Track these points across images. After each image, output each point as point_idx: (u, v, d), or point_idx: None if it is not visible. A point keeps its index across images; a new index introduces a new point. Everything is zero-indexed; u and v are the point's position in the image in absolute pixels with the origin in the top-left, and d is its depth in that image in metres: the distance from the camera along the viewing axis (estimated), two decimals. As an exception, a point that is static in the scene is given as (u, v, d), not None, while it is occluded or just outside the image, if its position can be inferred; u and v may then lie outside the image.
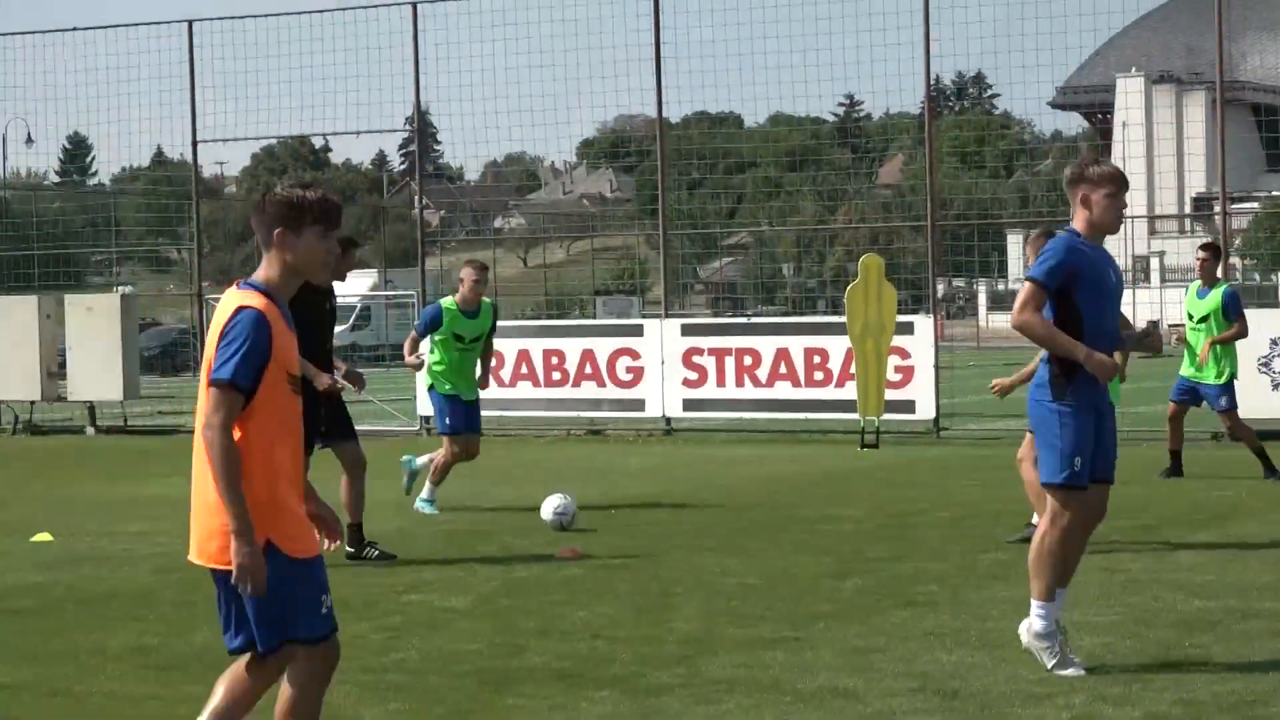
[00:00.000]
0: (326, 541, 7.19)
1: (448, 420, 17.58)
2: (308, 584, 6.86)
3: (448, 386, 17.50)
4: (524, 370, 27.33)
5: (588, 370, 27.05)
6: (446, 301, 17.59)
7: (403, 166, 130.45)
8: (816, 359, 25.75)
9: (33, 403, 30.54)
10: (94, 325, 29.46)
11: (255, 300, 6.83)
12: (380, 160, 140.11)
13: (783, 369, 25.90)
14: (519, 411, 27.60)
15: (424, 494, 17.58)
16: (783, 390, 25.95)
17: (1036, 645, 9.54)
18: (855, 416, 24.60)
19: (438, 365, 17.59)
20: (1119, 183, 9.47)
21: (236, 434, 6.74)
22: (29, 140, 43.55)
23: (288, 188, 6.96)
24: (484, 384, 17.73)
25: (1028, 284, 9.46)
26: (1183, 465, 19.61)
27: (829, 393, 25.67)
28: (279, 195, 6.92)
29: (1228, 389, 19.31)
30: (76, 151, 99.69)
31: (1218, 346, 19.26)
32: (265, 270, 6.92)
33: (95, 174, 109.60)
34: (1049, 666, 9.45)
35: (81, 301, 30.43)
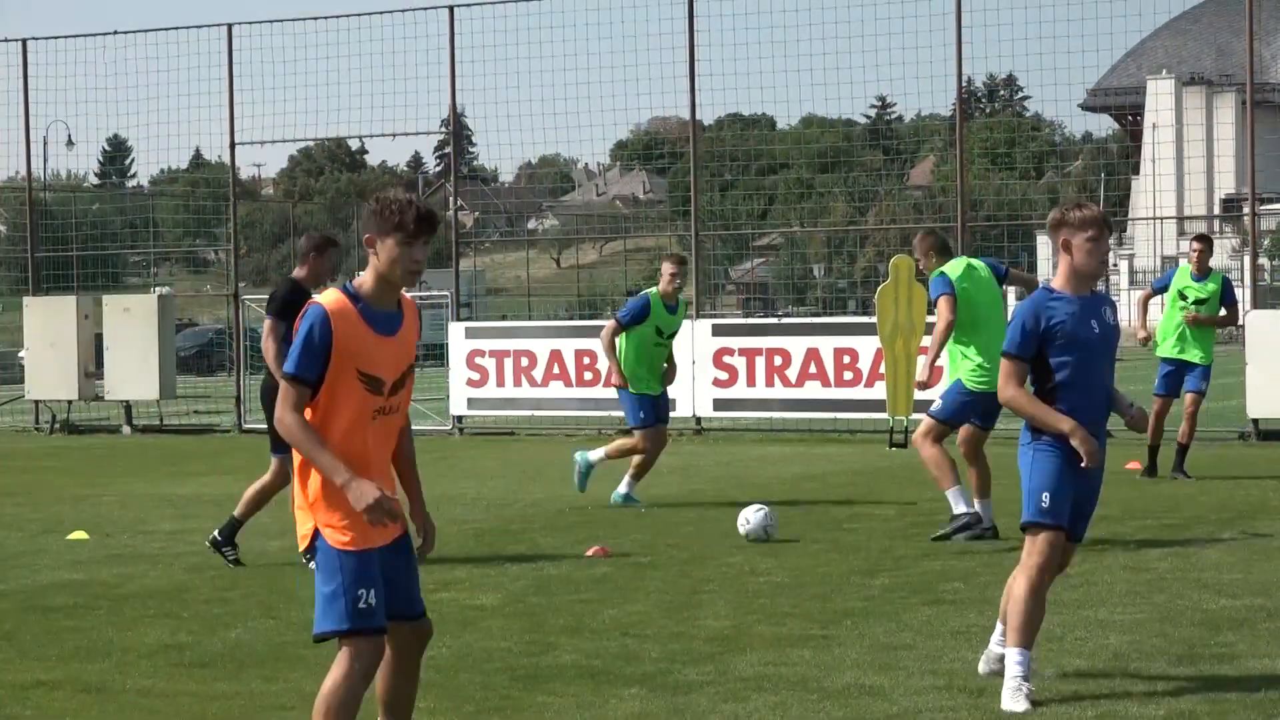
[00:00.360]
0: (422, 544, 7.34)
1: (641, 414, 17.55)
2: (345, 576, 7.01)
3: (642, 386, 17.48)
4: (556, 370, 27.43)
5: (619, 370, 27.08)
6: (652, 292, 17.48)
7: (438, 169, 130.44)
8: (846, 359, 25.82)
9: (70, 402, 30.74)
10: (131, 325, 29.62)
11: (328, 297, 7.11)
12: (416, 162, 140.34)
13: (813, 369, 25.97)
14: (552, 411, 27.72)
15: (622, 489, 17.54)
16: (812, 390, 26.02)
17: (1013, 692, 8.89)
18: (884, 416, 24.61)
19: (630, 364, 17.44)
20: (1101, 226, 9.17)
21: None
22: (69, 142, 43.71)
23: (383, 196, 7.19)
24: (671, 378, 17.77)
25: (1002, 360, 9.43)
26: (1157, 464, 19.54)
27: (858, 393, 25.73)
28: (371, 203, 7.19)
29: (1208, 373, 19.49)
30: (116, 153, 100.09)
31: (1204, 330, 19.39)
32: (365, 273, 7.19)
33: (134, 176, 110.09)
34: (1018, 705, 8.79)
35: (119, 302, 30.59)
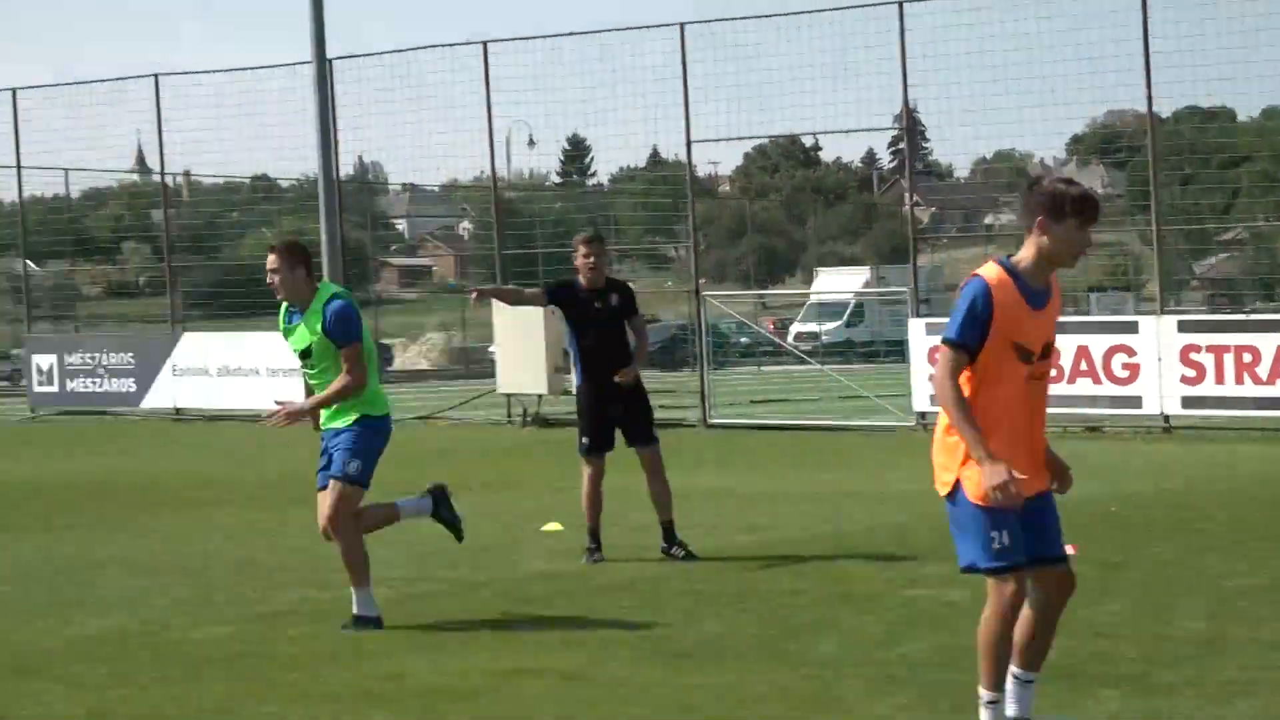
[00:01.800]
0: (1057, 485, 7.94)
1: None
2: (981, 524, 7.55)
3: None
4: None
5: (1083, 366, 26.75)
6: None
7: (892, 164, 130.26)
8: (1323, 356, 24.99)
9: (540, 396, 31.57)
10: (594, 322, 30.18)
11: (988, 271, 7.58)
12: (870, 158, 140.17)
13: (1286, 366, 25.20)
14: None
15: None
16: (1287, 388, 25.24)
17: None
18: (1364, 415, 23.83)
19: None
20: None
21: (965, 388, 7.51)
22: (531, 142, 44.91)
23: (1052, 181, 7.64)
24: None
25: None
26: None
27: (1336, 391, 24.88)
28: (1044, 187, 7.61)
29: None
30: (575, 153, 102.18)
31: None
32: (1022, 251, 7.63)
33: (594, 174, 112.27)
34: None
35: (583, 298, 31.19)
